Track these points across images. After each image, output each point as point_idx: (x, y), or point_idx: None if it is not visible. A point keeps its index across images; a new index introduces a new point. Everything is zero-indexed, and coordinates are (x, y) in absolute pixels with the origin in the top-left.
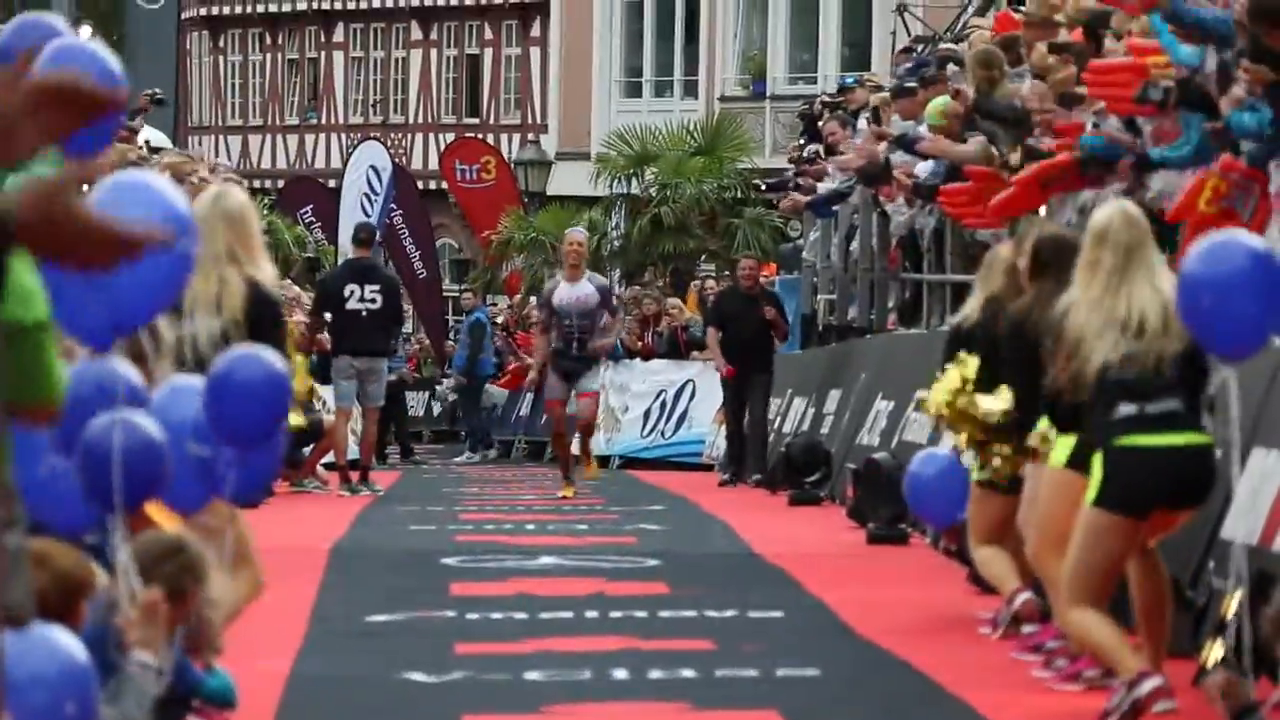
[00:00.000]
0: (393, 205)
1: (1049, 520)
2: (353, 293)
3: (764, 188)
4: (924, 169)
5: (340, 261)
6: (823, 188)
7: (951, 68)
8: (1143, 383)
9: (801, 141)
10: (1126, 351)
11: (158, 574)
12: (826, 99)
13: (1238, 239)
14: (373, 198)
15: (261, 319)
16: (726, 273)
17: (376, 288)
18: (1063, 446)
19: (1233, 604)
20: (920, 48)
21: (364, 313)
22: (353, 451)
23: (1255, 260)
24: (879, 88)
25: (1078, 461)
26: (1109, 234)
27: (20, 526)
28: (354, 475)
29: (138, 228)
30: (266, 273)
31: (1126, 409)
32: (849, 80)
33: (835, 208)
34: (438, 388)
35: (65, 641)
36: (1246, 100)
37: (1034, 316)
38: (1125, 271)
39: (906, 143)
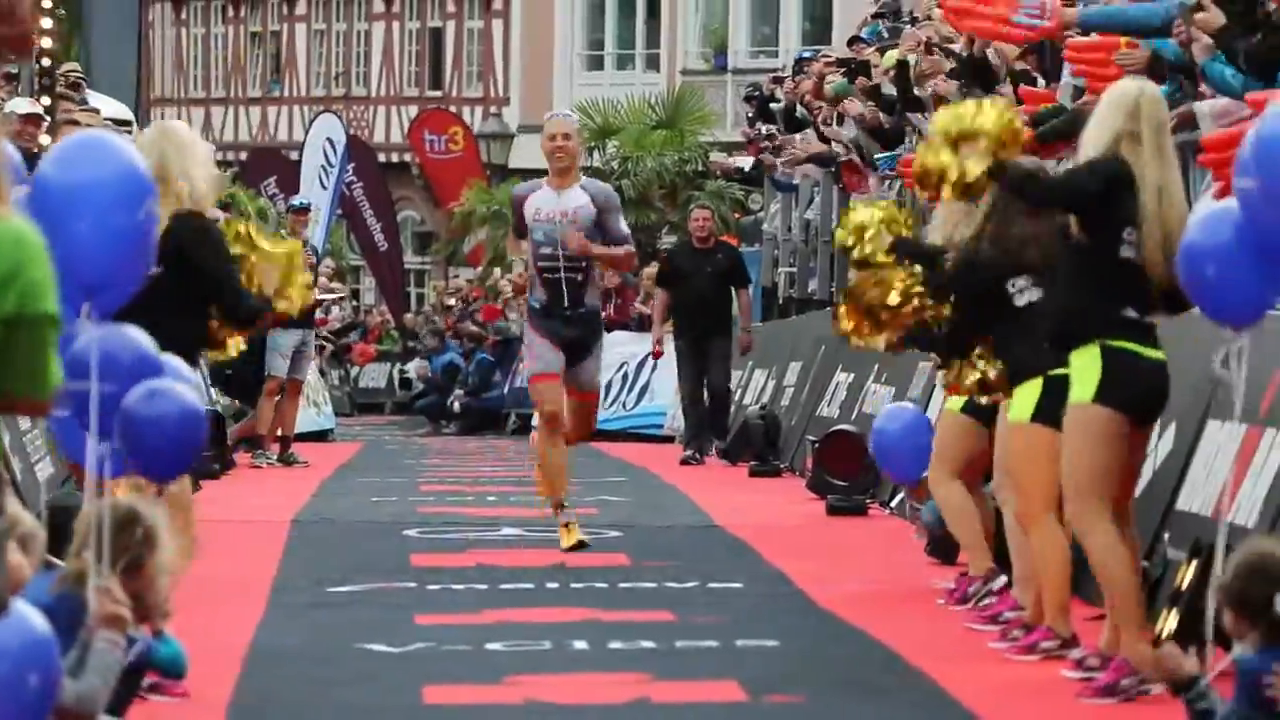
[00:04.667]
0: (352, 177)
1: (1032, 480)
2: None
3: (735, 174)
4: None
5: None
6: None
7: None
8: (1154, 290)
9: (750, 115)
10: (1160, 254)
11: (116, 544)
12: (778, 78)
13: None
14: (329, 170)
15: (189, 246)
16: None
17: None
18: (1025, 398)
19: (1187, 575)
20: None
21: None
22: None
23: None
24: (837, 63)
25: (1044, 414)
26: (1141, 107)
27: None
28: (276, 446)
29: None
30: (199, 195)
31: (1130, 313)
32: (805, 54)
33: (796, 181)
34: (402, 366)
35: (28, 614)
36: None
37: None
38: (1161, 160)
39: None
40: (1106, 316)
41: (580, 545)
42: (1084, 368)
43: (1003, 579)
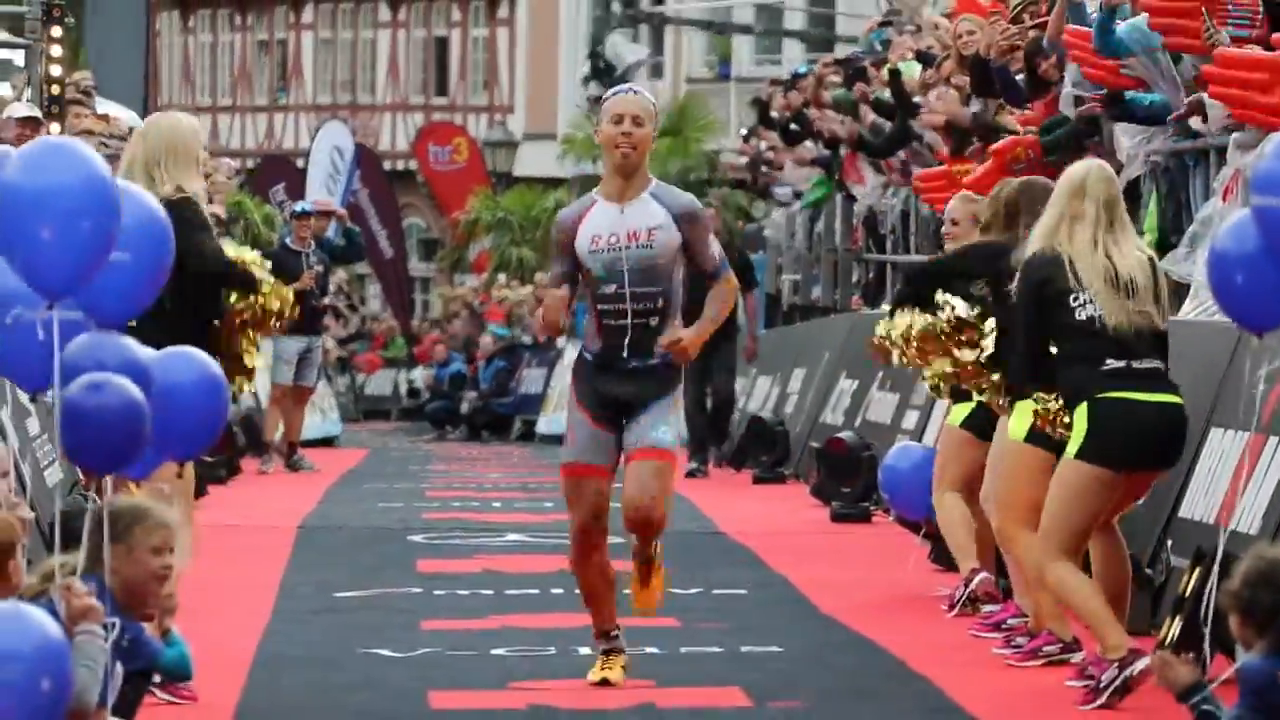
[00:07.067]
0: (358, 185)
1: (1014, 496)
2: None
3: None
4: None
5: None
6: (788, 176)
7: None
8: (1134, 338)
9: (744, 132)
10: (1121, 307)
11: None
12: (776, 80)
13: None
14: (336, 178)
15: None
16: None
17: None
18: (1021, 418)
19: (1190, 582)
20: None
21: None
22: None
23: None
24: (835, 63)
25: (1037, 436)
26: (1087, 187)
27: None
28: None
29: None
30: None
31: (1114, 363)
32: (801, 69)
33: (801, 189)
34: (409, 374)
35: (39, 618)
36: None
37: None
38: (1109, 227)
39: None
40: (1085, 375)
41: (604, 683)
42: (1076, 424)
43: (982, 575)
